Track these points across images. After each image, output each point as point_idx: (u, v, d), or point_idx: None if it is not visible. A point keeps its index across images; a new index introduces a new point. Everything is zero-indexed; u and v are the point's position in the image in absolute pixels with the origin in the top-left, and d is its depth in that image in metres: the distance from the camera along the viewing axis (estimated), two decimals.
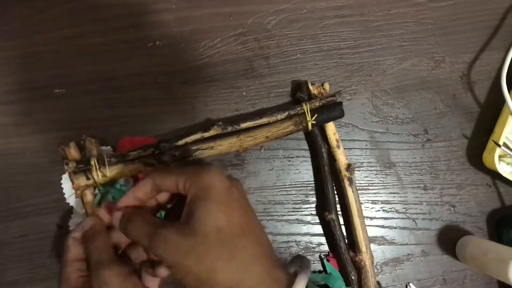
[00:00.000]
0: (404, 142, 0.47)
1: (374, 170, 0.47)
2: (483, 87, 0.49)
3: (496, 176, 0.48)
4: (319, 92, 0.44)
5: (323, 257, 0.45)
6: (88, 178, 0.39)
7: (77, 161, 0.39)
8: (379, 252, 0.47)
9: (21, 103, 0.44)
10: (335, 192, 0.45)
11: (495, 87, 0.48)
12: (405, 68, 0.48)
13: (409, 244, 0.47)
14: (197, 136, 0.41)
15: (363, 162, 0.47)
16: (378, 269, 0.46)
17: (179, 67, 0.45)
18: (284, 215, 0.45)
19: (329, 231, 0.45)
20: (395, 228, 0.47)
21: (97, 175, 0.39)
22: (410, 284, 0.46)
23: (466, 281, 0.47)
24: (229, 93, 0.45)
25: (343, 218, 0.46)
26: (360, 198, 0.47)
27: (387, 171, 0.47)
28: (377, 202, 0.47)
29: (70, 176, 0.39)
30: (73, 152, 0.40)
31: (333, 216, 0.44)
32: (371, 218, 0.47)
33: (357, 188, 0.46)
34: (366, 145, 0.47)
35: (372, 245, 0.46)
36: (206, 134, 0.41)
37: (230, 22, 0.46)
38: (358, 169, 0.47)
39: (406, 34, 0.48)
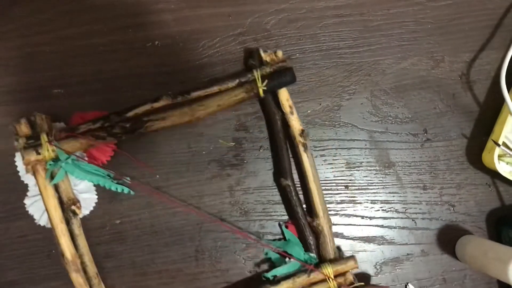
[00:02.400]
0: (403, 141, 0.47)
1: (373, 169, 0.47)
2: (482, 87, 0.49)
3: (495, 175, 0.48)
4: (272, 59, 0.43)
5: (281, 224, 0.45)
6: (38, 153, 0.39)
7: (27, 137, 0.39)
8: (378, 252, 0.47)
9: (20, 104, 0.44)
10: (291, 158, 0.45)
11: (495, 86, 0.48)
12: (404, 68, 0.48)
13: (409, 244, 0.47)
14: (147, 106, 0.41)
15: (362, 162, 0.47)
16: (377, 269, 0.46)
17: (178, 67, 0.45)
18: (284, 215, 0.45)
19: (286, 198, 0.45)
20: (395, 228, 0.47)
21: (47, 150, 0.39)
22: (409, 284, 0.46)
23: (466, 280, 0.47)
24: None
25: (300, 185, 0.45)
26: (360, 198, 0.47)
27: (387, 171, 0.47)
28: (376, 202, 0.47)
29: (21, 152, 0.39)
30: (24, 128, 0.40)
31: (288, 182, 0.43)
32: (370, 218, 0.47)
33: (357, 188, 0.47)
34: (365, 145, 0.47)
35: (371, 245, 0.46)
36: (156, 105, 0.41)
37: (229, 22, 0.46)
38: (358, 168, 0.47)
39: (406, 34, 0.48)
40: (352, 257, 0.42)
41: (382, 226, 0.47)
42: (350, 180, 0.47)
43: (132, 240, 0.44)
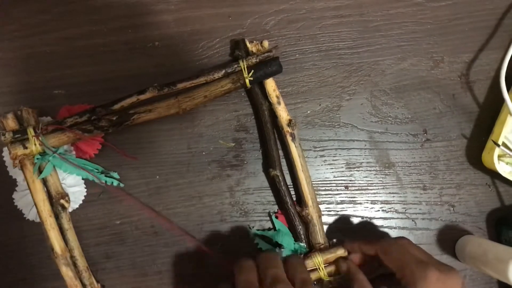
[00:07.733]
0: (403, 142, 0.47)
1: (373, 170, 0.47)
2: (482, 87, 0.49)
3: (495, 175, 0.48)
4: (258, 49, 0.44)
5: (271, 214, 0.45)
6: (25, 147, 0.39)
7: (14, 131, 0.39)
8: None
9: (20, 104, 0.44)
10: (279, 148, 0.45)
11: (494, 86, 0.48)
12: (404, 68, 0.48)
13: None
14: (133, 99, 0.41)
15: (362, 162, 0.47)
16: None
17: (178, 67, 0.45)
18: None
19: (275, 188, 0.45)
20: (395, 228, 0.47)
21: (34, 144, 0.39)
22: None
23: (466, 280, 0.47)
24: (228, 94, 0.45)
25: (289, 175, 0.46)
26: (360, 198, 0.47)
27: (387, 171, 0.47)
28: (376, 202, 0.47)
29: (7, 147, 0.39)
30: (11, 122, 0.40)
31: (277, 172, 0.44)
32: (370, 218, 0.47)
33: (357, 188, 0.47)
34: (365, 145, 0.47)
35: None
36: (142, 97, 0.41)
37: (229, 23, 0.46)
38: (358, 169, 0.47)
39: (405, 34, 0.48)
40: (341, 246, 0.42)
41: (382, 227, 0.47)
42: (350, 180, 0.47)
43: (133, 240, 0.44)
